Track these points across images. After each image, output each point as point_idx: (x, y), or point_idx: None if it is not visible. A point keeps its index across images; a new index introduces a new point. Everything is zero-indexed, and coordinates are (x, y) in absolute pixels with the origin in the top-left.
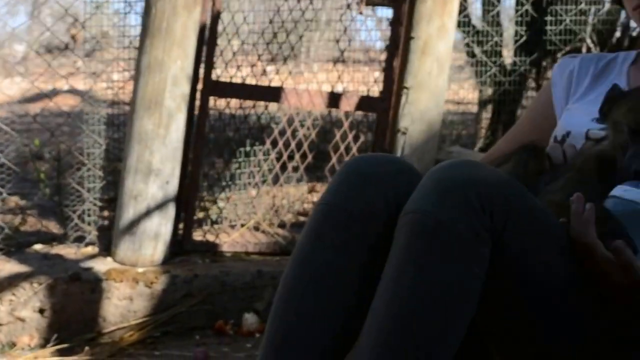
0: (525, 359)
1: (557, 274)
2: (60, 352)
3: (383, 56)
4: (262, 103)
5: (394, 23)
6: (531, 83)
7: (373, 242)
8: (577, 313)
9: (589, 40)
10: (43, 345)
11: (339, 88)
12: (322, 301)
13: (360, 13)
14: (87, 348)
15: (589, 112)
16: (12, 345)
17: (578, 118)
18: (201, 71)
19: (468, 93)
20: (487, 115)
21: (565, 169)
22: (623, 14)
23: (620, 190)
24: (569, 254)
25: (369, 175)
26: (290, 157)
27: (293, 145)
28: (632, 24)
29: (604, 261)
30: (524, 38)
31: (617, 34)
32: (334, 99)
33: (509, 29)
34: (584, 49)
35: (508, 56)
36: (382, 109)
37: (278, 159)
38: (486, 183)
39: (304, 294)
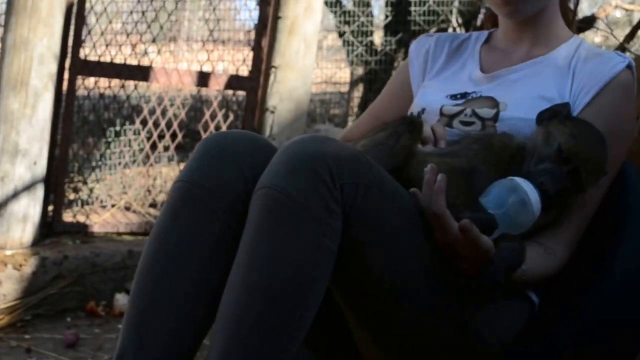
0: (385, 335)
1: (408, 248)
2: None
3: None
4: (132, 82)
5: (262, 2)
6: (399, 63)
7: (231, 220)
8: (430, 287)
9: (453, 21)
10: None
11: (216, 67)
12: (180, 278)
13: None
14: None
15: (443, 89)
16: None
17: (433, 95)
18: (70, 50)
19: (344, 73)
20: (358, 94)
21: (471, 140)
22: None
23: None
24: (422, 228)
25: (226, 152)
26: (161, 137)
27: (163, 124)
28: None
29: (451, 234)
30: (389, 18)
31: (481, 15)
32: (203, 78)
33: (381, 11)
34: (449, 30)
35: (378, 36)
36: (251, 87)
37: (148, 139)
38: (336, 157)
39: (162, 272)
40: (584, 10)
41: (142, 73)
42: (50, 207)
